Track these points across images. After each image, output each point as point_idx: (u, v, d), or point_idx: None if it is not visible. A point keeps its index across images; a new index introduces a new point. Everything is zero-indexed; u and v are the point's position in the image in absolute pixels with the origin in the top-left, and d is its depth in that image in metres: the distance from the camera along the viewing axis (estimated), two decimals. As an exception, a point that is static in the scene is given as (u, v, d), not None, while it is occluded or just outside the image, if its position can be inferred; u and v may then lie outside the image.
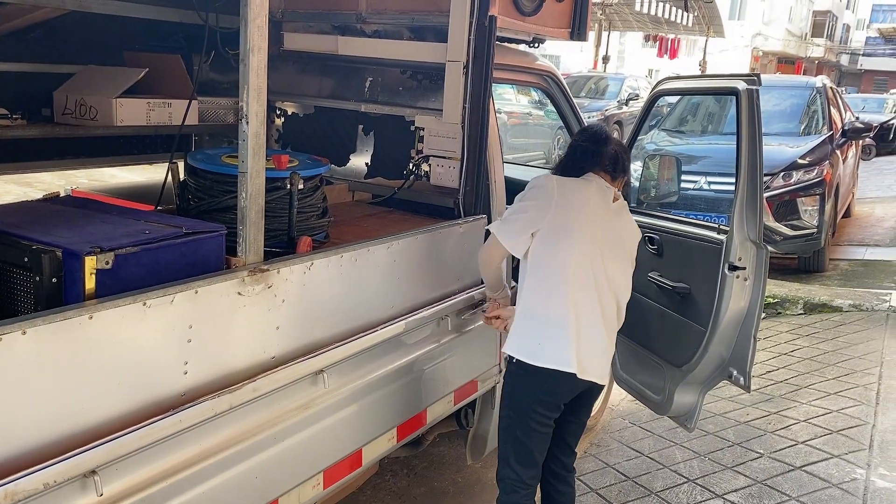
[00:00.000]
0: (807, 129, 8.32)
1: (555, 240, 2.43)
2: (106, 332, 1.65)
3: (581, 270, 2.43)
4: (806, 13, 45.12)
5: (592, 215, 2.49)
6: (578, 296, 2.43)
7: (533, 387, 2.47)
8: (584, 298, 2.44)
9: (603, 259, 2.47)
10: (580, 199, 2.50)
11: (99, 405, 1.65)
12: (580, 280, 2.43)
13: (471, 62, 2.89)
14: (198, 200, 2.37)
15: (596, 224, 2.48)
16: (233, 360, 1.96)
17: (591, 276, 2.44)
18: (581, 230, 2.45)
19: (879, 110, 20.26)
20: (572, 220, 2.45)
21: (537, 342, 2.43)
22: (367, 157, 3.55)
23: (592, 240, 2.46)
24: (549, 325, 2.42)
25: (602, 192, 2.54)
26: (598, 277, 2.46)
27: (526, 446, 2.53)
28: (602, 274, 2.47)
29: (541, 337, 2.43)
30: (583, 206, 2.48)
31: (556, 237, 2.43)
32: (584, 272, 2.43)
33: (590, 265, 2.44)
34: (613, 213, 2.56)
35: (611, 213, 2.55)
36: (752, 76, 2.93)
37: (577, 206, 2.48)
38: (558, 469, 2.71)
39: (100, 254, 1.70)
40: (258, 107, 1.96)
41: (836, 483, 3.49)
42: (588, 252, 2.44)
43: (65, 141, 3.28)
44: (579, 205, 2.48)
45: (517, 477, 2.54)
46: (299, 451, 2.19)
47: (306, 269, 2.15)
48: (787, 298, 6.37)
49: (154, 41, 3.42)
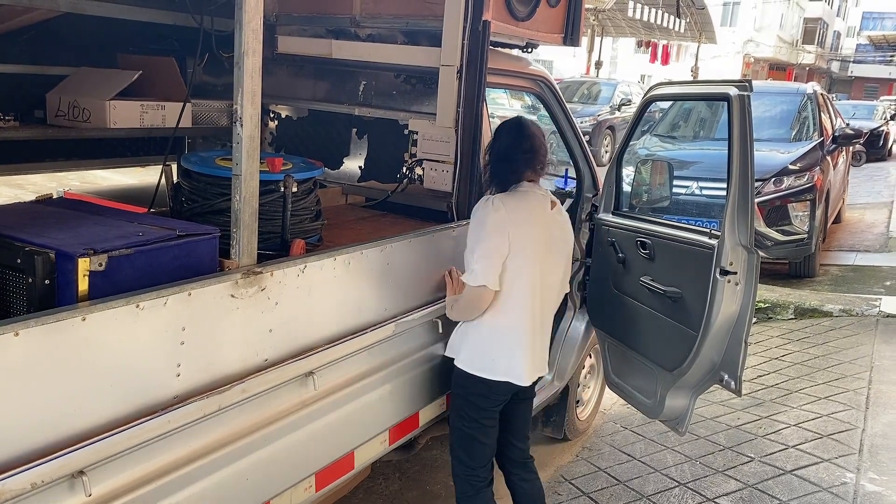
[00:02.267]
0: (798, 136, 8.37)
1: (512, 261, 2.53)
2: (99, 334, 1.64)
3: (532, 286, 2.56)
4: (797, 20, 45.42)
5: (538, 231, 2.60)
6: (530, 310, 2.57)
7: (486, 392, 2.61)
8: (534, 311, 2.59)
9: (546, 270, 2.62)
10: (528, 217, 2.58)
11: (91, 407, 1.65)
12: (531, 294, 2.56)
13: (464, 66, 2.90)
14: (191, 203, 2.37)
15: (541, 239, 2.60)
16: (226, 363, 1.96)
17: (538, 289, 2.60)
18: (533, 249, 2.57)
19: (869, 117, 20.38)
20: (525, 242, 2.55)
21: (490, 358, 2.57)
22: (360, 160, 3.56)
23: (539, 255, 2.59)
24: (502, 341, 2.57)
25: (542, 204, 2.65)
26: (542, 287, 2.61)
27: (480, 442, 2.65)
28: (545, 283, 2.62)
29: (493, 353, 2.57)
30: (530, 225, 2.58)
31: (514, 259, 2.53)
32: (533, 287, 2.57)
33: (538, 279, 2.58)
34: (552, 221, 2.66)
35: (550, 222, 2.65)
36: (744, 82, 2.95)
37: (526, 226, 2.56)
38: (516, 457, 2.81)
39: (93, 256, 1.69)
40: (252, 110, 1.96)
41: (827, 487, 3.51)
42: (537, 268, 2.58)
43: (58, 143, 3.27)
44: (527, 224, 2.57)
45: (473, 472, 2.66)
46: (291, 454, 2.19)
47: (300, 272, 2.15)
48: (778, 303, 6.40)
49: (148, 44, 3.42)
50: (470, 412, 2.65)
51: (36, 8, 2.90)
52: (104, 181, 4.78)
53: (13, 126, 2.85)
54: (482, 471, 2.68)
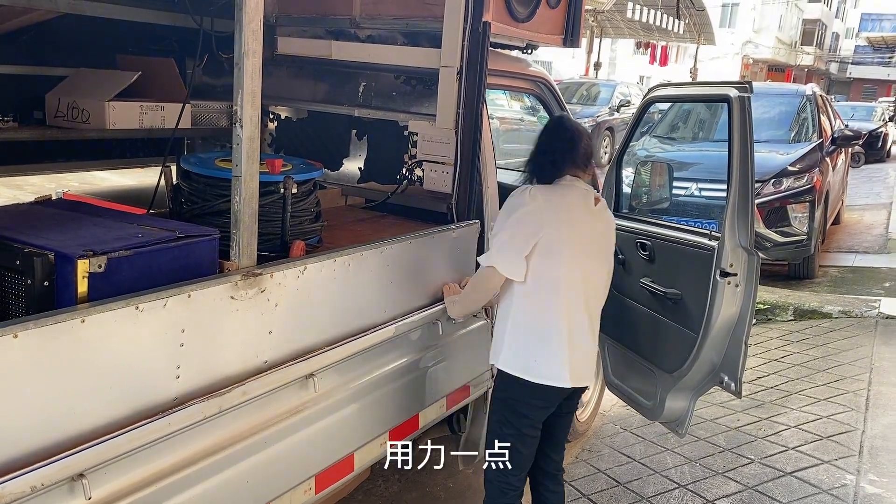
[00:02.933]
0: (797, 137, 8.37)
1: (547, 256, 2.42)
2: (98, 336, 1.64)
3: (571, 283, 2.46)
4: (796, 21, 45.46)
5: (580, 226, 2.51)
6: (569, 308, 2.46)
7: (527, 397, 2.49)
8: (574, 309, 2.47)
9: (590, 267, 2.52)
10: (567, 212, 2.49)
11: (91, 409, 1.64)
12: (570, 292, 2.46)
13: (464, 67, 2.89)
14: (191, 204, 2.37)
15: (583, 234, 2.52)
16: (225, 365, 1.96)
17: (579, 287, 2.48)
18: (571, 245, 2.47)
19: (868, 118, 20.39)
20: (563, 236, 2.45)
21: (532, 358, 2.45)
22: (360, 161, 3.55)
23: (581, 252, 2.49)
24: (543, 340, 2.45)
25: (584, 199, 2.55)
26: (585, 286, 2.50)
27: (518, 451, 2.54)
28: (588, 282, 2.51)
29: (535, 353, 2.45)
30: (571, 220, 2.50)
31: (549, 254, 2.42)
32: (573, 284, 2.47)
33: (579, 276, 2.48)
34: (596, 217, 2.58)
35: (594, 218, 2.57)
36: (744, 83, 2.95)
37: (566, 220, 2.48)
38: (549, 468, 2.73)
39: (92, 257, 1.69)
40: (252, 111, 1.96)
41: (827, 489, 3.50)
42: (577, 264, 2.47)
43: (57, 144, 3.26)
44: (568, 219, 2.49)
45: (506, 480, 2.56)
46: (291, 456, 2.18)
47: (299, 274, 2.15)
48: (778, 305, 6.40)
49: (147, 44, 3.41)
50: (510, 418, 2.53)
51: (35, 9, 2.90)
52: (103, 182, 4.78)
53: (12, 127, 2.84)
54: (515, 479, 2.57)
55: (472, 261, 3.03)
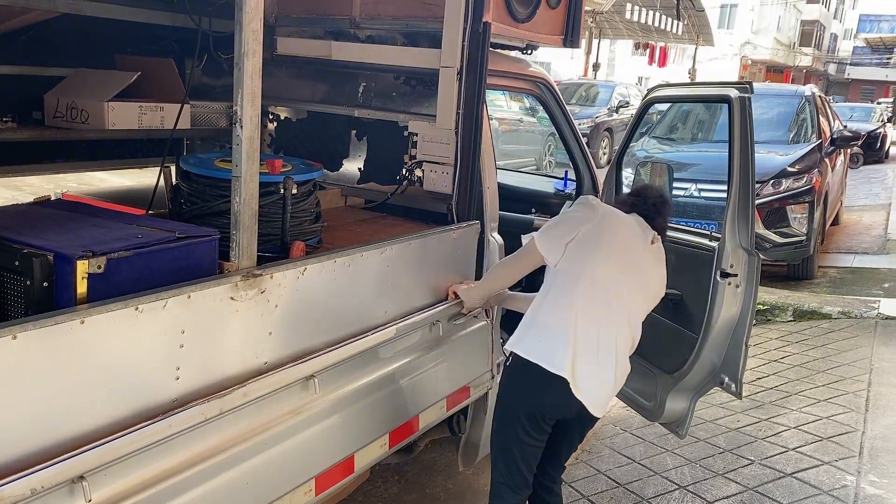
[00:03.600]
0: (796, 138, 8.37)
1: (580, 251, 2.42)
2: (97, 337, 1.63)
3: (597, 288, 2.39)
4: (794, 23, 45.54)
5: (626, 242, 2.49)
6: (587, 310, 2.38)
7: (522, 390, 2.43)
8: (594, 316, 2.38)
9: (625, 287, 2.44)
10: (619, 224, 2.51)
11: (90, 411, 1.64)
12: (593, 296, 2.39)
13: (464, 68, 2.88)
14: (190, 204, 2.36)
15: (627, 251, 2.48)
16: (225, 366, 1.95)
17: (608, 298, 2.40)
18: (609, 250, 2.44)
19: (867, 119, 20.42)
20: (604, 238, 2.45)
21: (537, 340, 2.40)
22: (360, 162, 3.55)
23: (618, 263, 2.44)
24: (550, 329, 2.39)
25: (643, 228, 2.54)
26: (616, 302, 2.42)
27: (511, 453, 2.51)
28: (620, 301, 2.43)
29: (540, 337, 2.40)
30: (619, 231, 2.50)
31: (583, 249, 2.42)
32: (599, 290, 2.39)
33: (609, 286, 2.41)
34: (649, 252, 2.54)
35: (646, 250, 2.53)
36: (744, 84, 2.95)
37: (613, 228, 2.49)
38: (547, 482, 2.66)
39: (92, 258, 1.68)
40: (252, 111, 1.95)
41: (827, 490, 3.50)
42: (609, 273, 2.41)
43: (56, 144, 3.25)
44: (616, 229, 2.49)
45: (504, 482, 2.53)
46: (291, 457, 2.17)
47: (299, 275, 2.14)
48: (777, 305, 6.40)
49: (146, 45, 3.40)
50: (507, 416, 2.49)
51: (34, 9, 2.89)
52: (102, 183, 4.77)
53: (11, 127, 2.83)
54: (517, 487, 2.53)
55: (473, 261, 3.03)
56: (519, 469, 2.51)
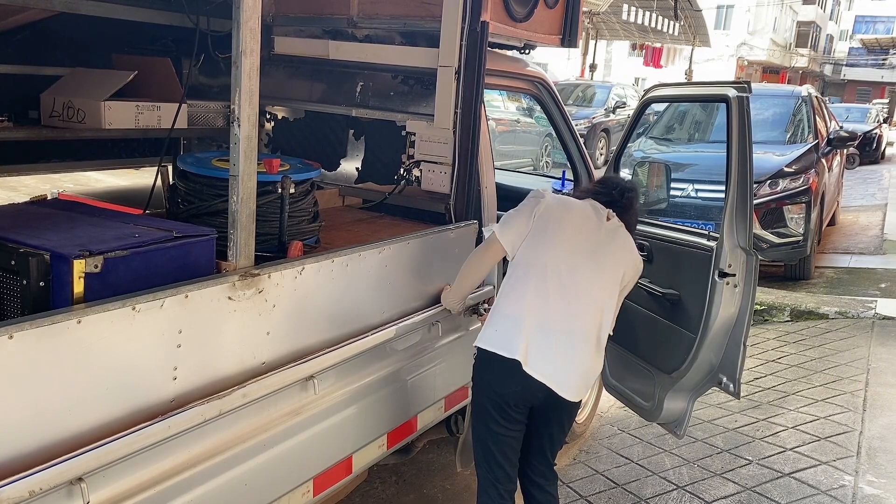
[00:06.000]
0: (793, 138, 8.38)
1: (532, 242, 2.49)
2: (94, 336, 1.62)
3: (548, 274, 2.44)
4: (790, 23, 45.63)
5: (576, 226, 2.52)
6: (539, 297, 2.42)
7: (484, 379, 2.48)
8: (547, 301, 2.41)
9: (581, 270, 2.46)
10: (568, 210, 2.56)
11: (87, 411, 1.62)
12: (545, 282, 2.43)
13: (462, 67, 2.88)
14: (188, 204, 2.35)
15: (578, 235, 2.51)
16: (223, 366, 1.94)
17: (561, 283, 2.43)
18: (558, 236, 2.48)
19: (863, 120, 20.47)
20: (552, 225, 2.50)
21: (494, 331, 2.45)
22: (357, 161, 3.54)
23: (570, 248, 2.48)
24: (505, 319, 2.44)
25: (595, 210, 2.58)
26: (571, 286, 2.44)
27: (488, 447, 2.52)
28: (576, 285, 2.44)
29: (497, 327, 2.45)
30: (568, 216, 2.54)
31: (533, 238, 2.49)
32: (551, 276, 2.43)
33: (562, 271, 2.44)
34: (604, 231, 2.55)
35: (601, 230, 2.55)
36: (743, 83, 2.94)
37: (562, 214, 2.54)
38: (536, 477, 2.64)
39: (88, 257, 1.67)
40: (250, 110, 1.94)
41: (825, 490, 3.50)
42: (561, 258, 2.45)
43: (52, 144, 3.24)
44: (565, 214, 2.54)
45: (487, 477, 2.53)
46: (289, 458, 2.16)
47: (297, 274, 2.13)
48: (774, 305, 6.40)
49: (143, 44, 3.39)
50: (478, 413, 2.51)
51: (30, 7, 2.87)
52: (98, 183, 4.76)
53: (7, 127, 2.82)
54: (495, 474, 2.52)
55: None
56: (499, 463, 2.51)
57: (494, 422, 2.47)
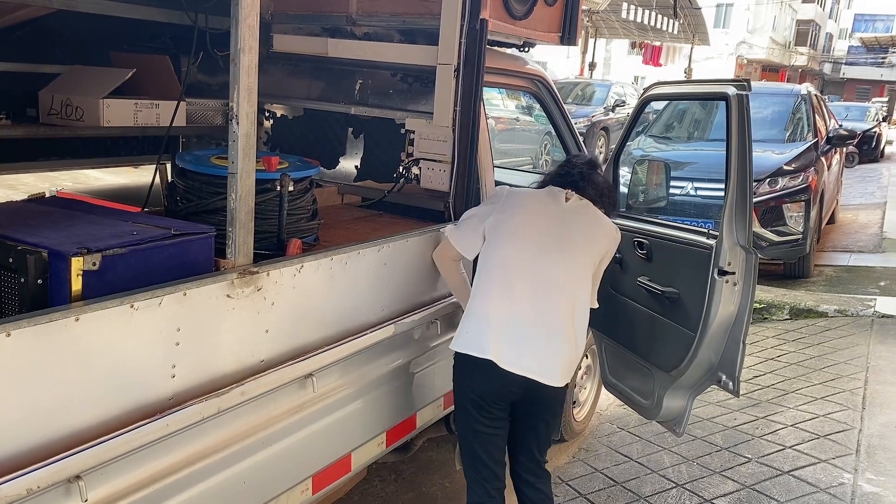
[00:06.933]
0: (792, 136, 8.37)
1: (490, 239, 2.53)
2: (92, 334, 1.62)
3: (510, 268, 2.46)
4: (790, 22, 45.61)
5: (533, 215, 2.56)
6: (504, 292, 2.43)
7: (462, 381, 2.51)
8: (512, 295, 2.42)
9: (543, 258, 2.47)
10: (523, 201, 2.61)
11: (85, 409, 1.62)
12: (508, 277, 2.45)
13: (462, 65, 2.88)
14: (186, 202, 2.34)
15: (536, 224, 2.54)
16: (221, 364, 1.94)
17: (524, 275, 2.45)
18: (515, 229, 2.52)
19: (862, 118, 20.45)
20: (508, 220, 2.54)
21: (465, 332, 2.46)
22: (356, 159, 3.53)
23: (529, 239, 2.50)
24: (474, 318, 2.45)
25: (551, 195, 2.62)
26: (536, 276, 2.45)
27: (472, 446, 2.51)
28: (541, 274, 2.45)
29: (468, 328, 2.46)
30: (523, 207, 2.58)
31: (492, 236, 2.53)
32: (513, 270, 2.46)
33: (524, 263, 2.46)
34: (565, 212, 2.58)
35: (560, 212, 2.57)
36: (742, 81, 2.94)
37: (517, 207, 2.58)
38: (525, 475, 2.62)
39: (87, 255, 1.67)
40: (248, 107, 1.94)
41: (824, 488, 3.50)
42: (521, 250, 2.48)
43: (51, 142, 3.23)
44: (520, 206, 2.58)
45: (473, 476, 2.52)
46: (288, 456, 2.16)
47: (296, 272, 2.13)
48: (774, 304, 6.40)
49: (142, 41, 3.38)
50: (459, 413, 2.53)
51: (29, 5, 2.87)
52: (96, 181, 4.75)
53: (5, 125, 2.82)
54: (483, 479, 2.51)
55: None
56: (484, 462, 2.50)
57: (476, 421, 2.47)
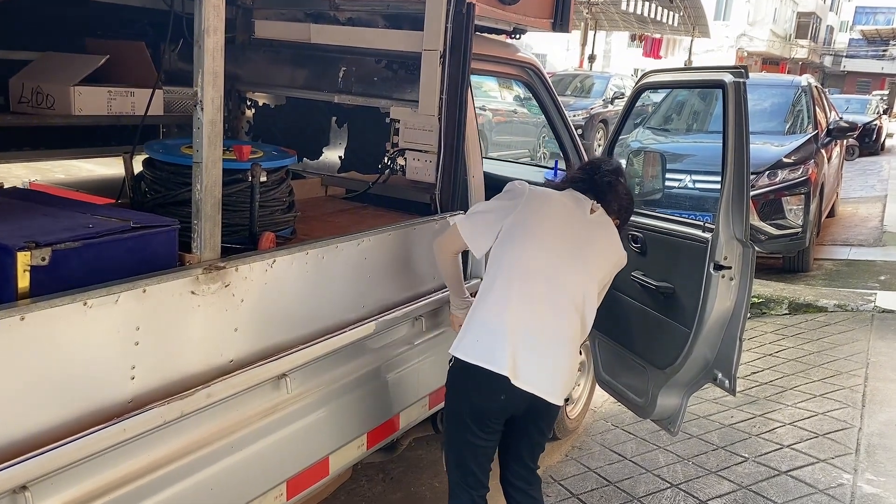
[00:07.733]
0: (792, 128, 8.27)
1: (509, 240, 2.32)
2: (40, 334, 1.51)
3: (531, 277, 2.28)
4: (790, 14, 45.43)
5: (557, 222, 2.37)
6: (524, 302, 2.26)
7: (464, 392, 2.31)
8: (531, 307, 2.26)
9: (564, 270, 2.31)
10: (547, 204, 2.40)
11: (33, 415, 1.52)
12: (528, 286, 2.27)
13: (448, 51, 2.77)
14: (154, 193, 2.24)
15: (560, 231, 2.35)
16: (186, 364, 1.83)
17: (544, 286, 2.28)
18: (538, 233, 2.33)
19: (863, 111, 20.36)
20: (531, 222, 2.34)
21: (475, 340, 2.26)
22: (340, 150, 3.43)
23: (552, 247, 2.32)
24: (487, 327, 2.26)
25: (577, 202, 2.42)
26: (555, 288, 2.29)
27: (462, 455, 2.37)
28: (560, 286, 2.30)
29: (478, 336, 2.26)
30: (548, 211, 2.38)
31: (511, 237, 2.32)
32: (534, 279, 2.28)
33: (544, 273, 2.29)
34: (588, 224, 2.41)
35: (584, 224, 2.40)
36: (740, 69, 2.83)
37: (541, 210, 2.37)
38: (517, 482, 2.50)
39: (35, 249, 1.56)
40: (214, 92, 1.82)
41: (823, 488, 3.40)
42: (543, 259, 2.30)
43: (24, 131, 3.12)
44: (544, 209, 2.38)
45: (459, 482, 2.39)
46: (260, 461, 2.06)
47: (268, 267, 2.02)
48: (772, 298, 6.30)
49: (118, 27, 3.27)
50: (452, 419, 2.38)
51: (-3, -12, 2.76)
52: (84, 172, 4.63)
53: (-27, 113, 2.71)
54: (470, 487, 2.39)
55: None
56: (472, 470, 2.37)
57: (472, 433, 2.32)
